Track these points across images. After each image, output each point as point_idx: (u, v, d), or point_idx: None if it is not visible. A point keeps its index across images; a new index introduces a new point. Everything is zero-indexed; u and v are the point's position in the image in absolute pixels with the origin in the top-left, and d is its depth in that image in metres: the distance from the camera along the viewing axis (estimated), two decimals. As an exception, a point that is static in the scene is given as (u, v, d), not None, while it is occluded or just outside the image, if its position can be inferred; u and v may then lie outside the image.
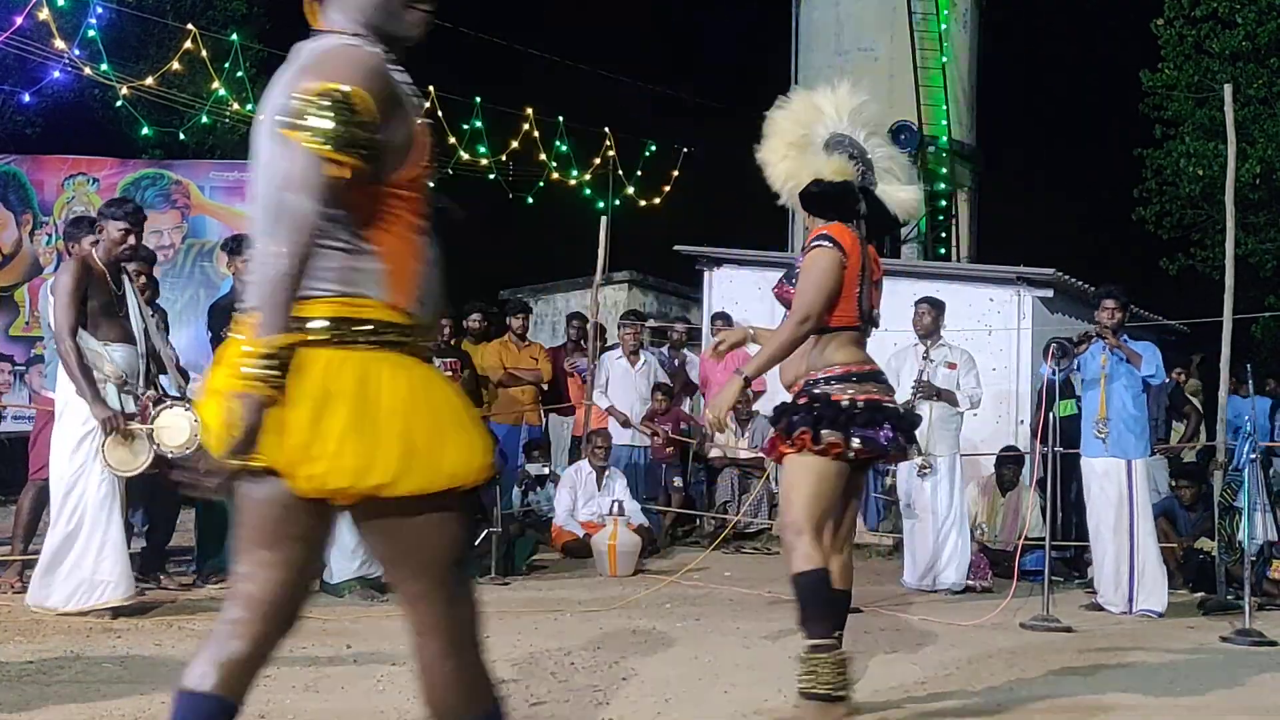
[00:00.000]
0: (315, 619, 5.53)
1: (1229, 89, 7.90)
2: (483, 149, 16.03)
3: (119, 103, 14.28)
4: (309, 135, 2.10)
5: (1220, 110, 10.01)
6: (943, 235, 18.47)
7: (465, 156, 15.86)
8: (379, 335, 2.21)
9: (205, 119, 15.28)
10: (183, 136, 14.98)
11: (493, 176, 16.52)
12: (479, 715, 2.31)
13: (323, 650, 4.80)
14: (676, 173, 18.97)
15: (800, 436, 3.86)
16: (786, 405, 4.04)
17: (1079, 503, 8.77)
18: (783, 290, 4.10)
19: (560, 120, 16.96)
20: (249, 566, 2.25)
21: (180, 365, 6.71)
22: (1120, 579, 6.70)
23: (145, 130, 14.25)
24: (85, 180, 9.60)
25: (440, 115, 15.22)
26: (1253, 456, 6.40)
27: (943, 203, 18.62)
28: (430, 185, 2.36)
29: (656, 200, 18.99)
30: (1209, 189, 15.64)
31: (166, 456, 5.78)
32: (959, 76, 18.75)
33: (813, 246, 3.93)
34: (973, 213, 19.45)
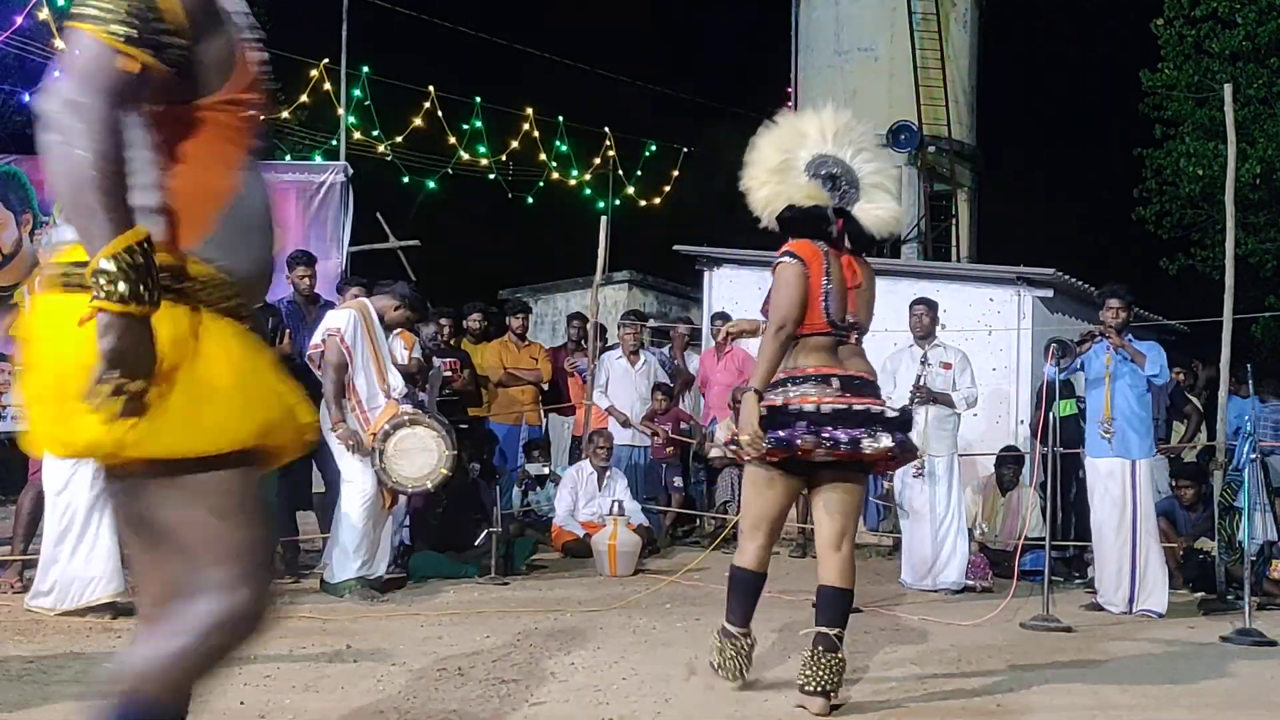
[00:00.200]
0: (315, 619, 5.53)
1: (1229, 89, 7.90)
2: (483, 149, 16.04)
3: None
4: (94, 21, 1.88)
5: (1220, 110, 10.01)
6: (941, 231, 18.53)
7: (465, 156, 15.87)
8: None
9: (205, 119, 15.30)
10: (183, 136, 15.00)
11: (493, 176, 16.53)
12: None
13: (323, 650, 4.80)
14: (676, 173, 19.01)
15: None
16: None
17: (1079, 503, 8.76)
18: (765, 306, 4.34)
19: (560, 120, 16.98)
20: None
21: None
22: (1121, 579, 6.69)
23: (145, 130, 14.27)
24: (85, 180, 9.58)
25: (440, 115, 15.24)
26: (1253, 457, 6.40)
27: (943, 203, 18.69)
28: (261, 120, 2.10)
29: (656, 200, 19.02)
30: (1209, 189, 15.65)
31: None
32: (959, 76, 18.75)
33: (778, 263, 4.22)
34: (973, 213, 19.46)
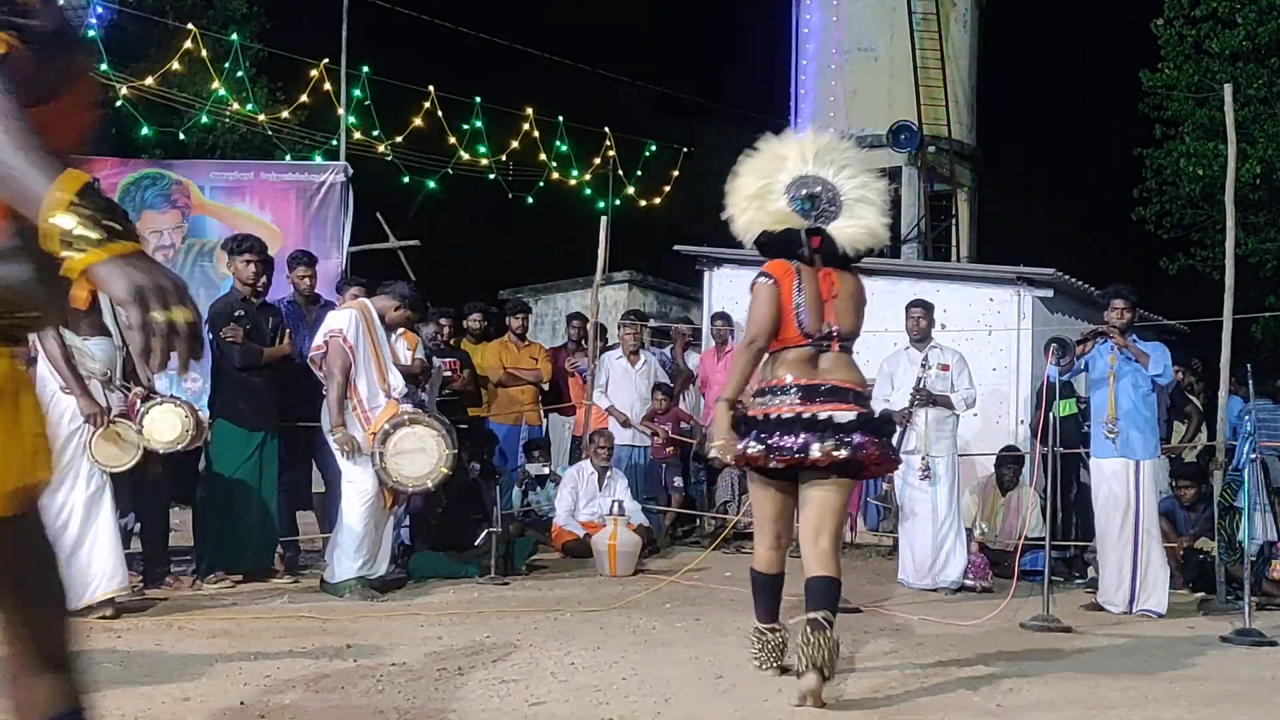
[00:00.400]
0: (315, 619, 5.54)
1: (1229, 89, 7.90)
2: (483, 149, 16.04)
3: (119, 103, 14.29)
4: None
5: (1220, 110, 10.01)
6: (941, 231, 18.55)
7: (465, 156, 15.87)
8: None
9: (205, 119, 15.31)
10: (182, 136, 15.00)
11: (493, 176, 16.53)
12: None
13: (323, 650, 4.80)
14: (676, 173, 19.00)
15: None
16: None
17: (1079, 503, 8.76)
18: None
19: (560, 120, 16.98)
20: None
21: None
22: (1123, 579, 6.69)
23: (145, 130, 14.26)
24: (85, 180, 9.56)
25: (440, 115, 15.24)
26: (1253, 457, 6.40)
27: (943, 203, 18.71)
28: (86, 140, 1.96)
29: (656, 200, 19.02)
30: (1209, 189, 15.65)
31: (157, 452, 5.79)
32: (959, 76, 18.76)
33: (753, 283, 4.45)
34: (973, 213, 19.47)
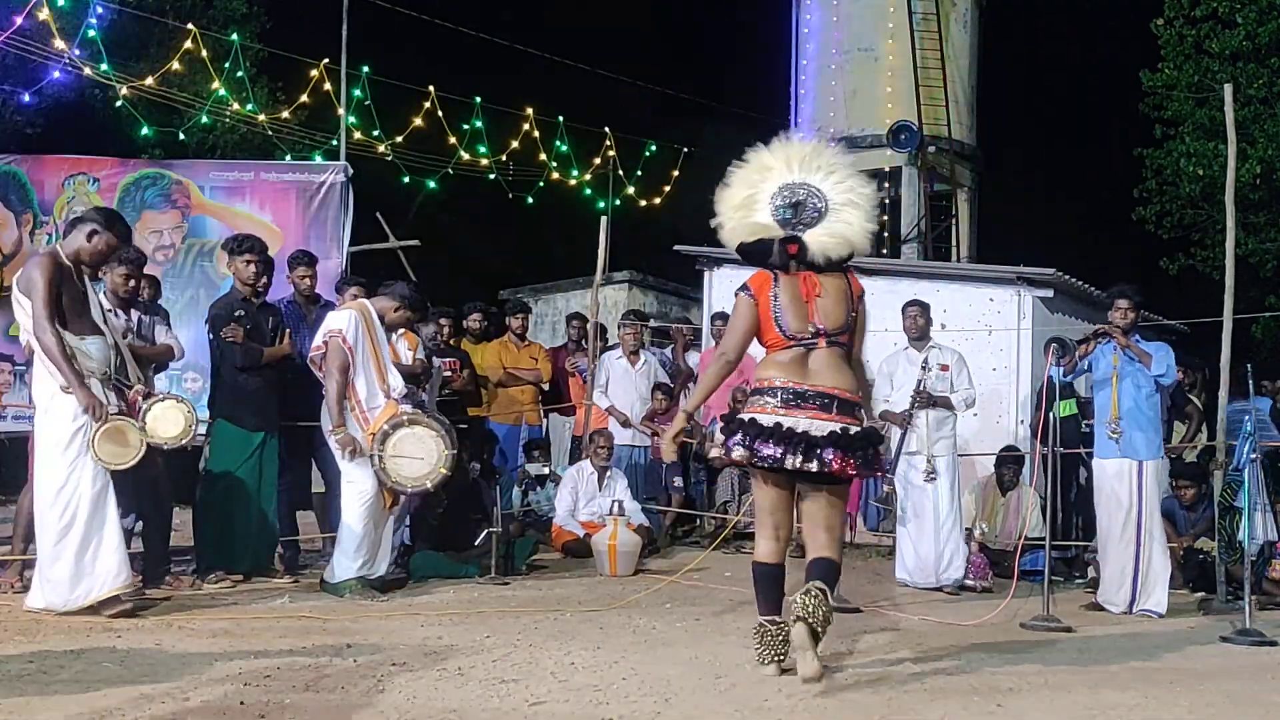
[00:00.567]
0: (315, 619, 5.53)
1: (1229, 89, 7.89)
2: (483, 149, 16.04)
3: (119, 103, 14.30)
4: None
5: (1220, 110, 10.01)
6: (941, 231, 18.56)
7: (465, 156, 15.87)
8: None
9: (205, 119, 15.31)
10: (183, 136, 15.00)
11: (493, 176, 16.54)
12: None
13: (323, 650, 4.80)
14: (676, 173, 19.01)
15: None
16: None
17: (1079, 503, 8.76)
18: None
19: (560, 120, 16.98)
20: None
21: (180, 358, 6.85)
22: (1124, 579, 6.70)
23: (145, 130, 14.27)
24: (85, 180, 9.56)
25: (440, 115, 15.25)
26: (1253, 456, 6.40)
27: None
28: None
29: (656, 200, 19.02)
30: (1209, 189, 15.65)
31: (161, 448, 5.79)
32: (959, 76, 18.76)
33: (735, 295, 4.60)
34: (973, 213, 19.47)
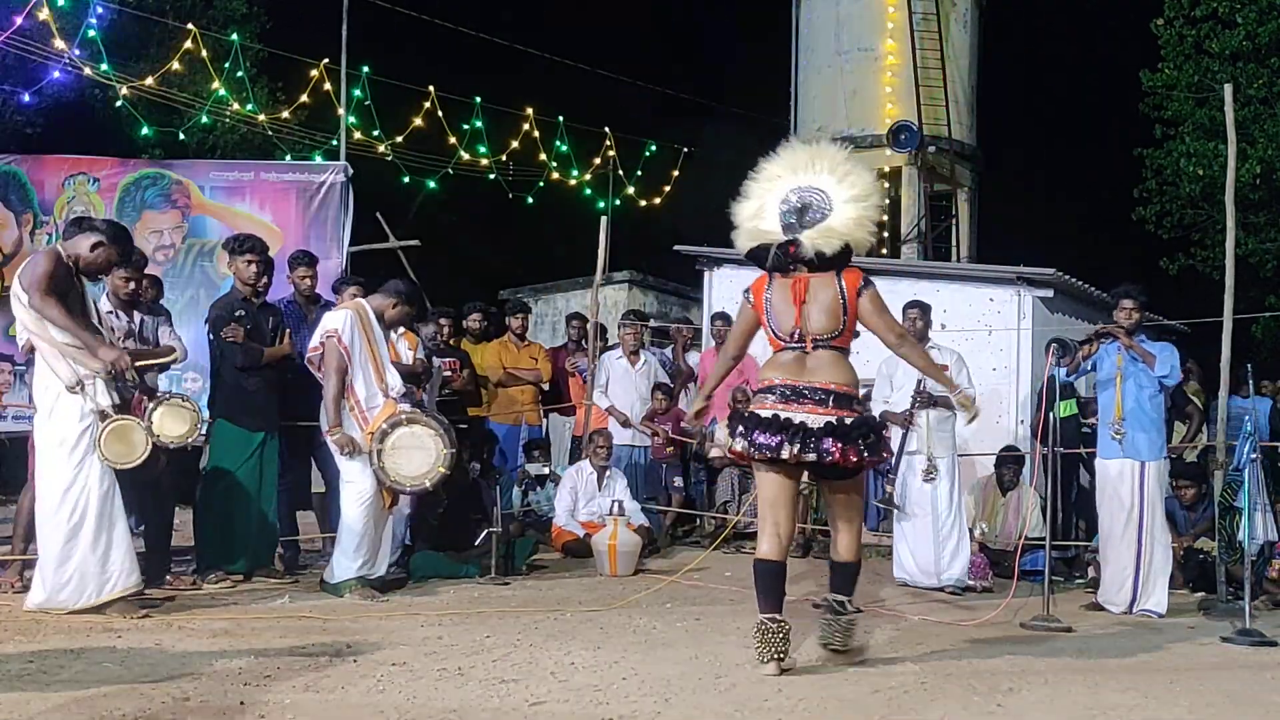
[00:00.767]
0: (315, 619, 5.53)
1: (1229, 89, 7.89)
2: (483, 149, 16.04)
3: (119, 103, 14.30)
4: None
5: (1220, 110, 10.02)
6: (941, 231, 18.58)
7: (465, 156, 15.87)
8: None
9: (205, 119, 15.31)
10: (183, 136, 15.00)
11: (493, 176, 16.54)
12: None
13: (323, 650, 4.80)
14: (676, 173, 19.01)
15: None
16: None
17: (1079, 503, 8.76)
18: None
19: (560, 120, 16.98)
20: None
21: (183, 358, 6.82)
22: (1125, 580, 6.70)
23: (145, 130, 14.27)
24: (85, 180, 9.56)
25: (440, 115, 15.25)
26: (1253, 456, 6.40)
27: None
28: None
29: (656, 200, 19.03)
30: (1209, 189, 15.65)
31: (167, 447, 5.79)
32: (959, 76, 18.75)
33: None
34: (973, 213, 19.46)
